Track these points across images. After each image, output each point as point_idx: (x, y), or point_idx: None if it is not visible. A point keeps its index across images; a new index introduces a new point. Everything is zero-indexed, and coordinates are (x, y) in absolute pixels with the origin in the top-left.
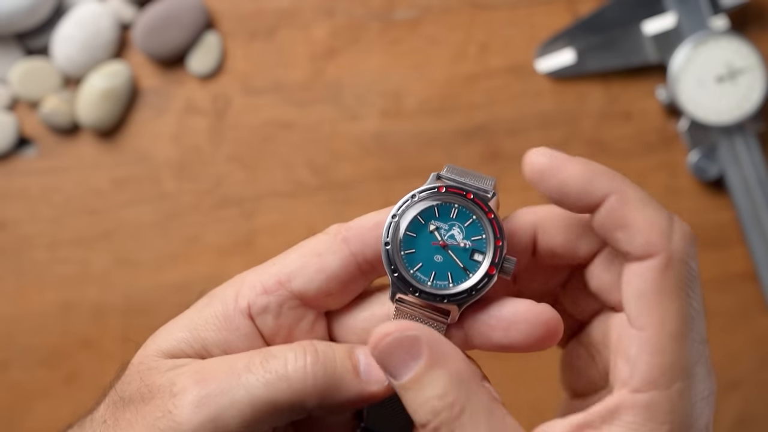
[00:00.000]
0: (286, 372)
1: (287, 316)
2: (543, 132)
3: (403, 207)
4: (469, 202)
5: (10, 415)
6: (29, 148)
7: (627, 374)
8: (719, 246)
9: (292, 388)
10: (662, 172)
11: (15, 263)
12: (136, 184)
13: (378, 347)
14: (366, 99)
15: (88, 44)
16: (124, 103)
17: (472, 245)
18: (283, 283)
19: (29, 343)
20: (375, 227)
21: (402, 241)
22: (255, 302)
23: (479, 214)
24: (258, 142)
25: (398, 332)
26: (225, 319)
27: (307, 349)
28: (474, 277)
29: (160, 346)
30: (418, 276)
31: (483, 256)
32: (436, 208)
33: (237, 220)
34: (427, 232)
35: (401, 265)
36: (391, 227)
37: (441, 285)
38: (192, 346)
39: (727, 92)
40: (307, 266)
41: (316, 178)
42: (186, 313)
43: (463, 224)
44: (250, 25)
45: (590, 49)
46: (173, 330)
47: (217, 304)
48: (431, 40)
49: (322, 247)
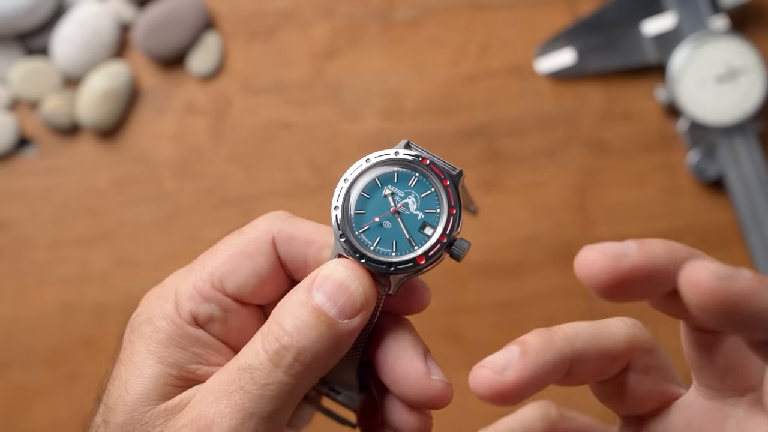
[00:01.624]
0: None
1: (233, 320)
2: (543, 132)
3: (356, 171)
4: (429, 171)
5: (10, 415)
6: (29, 148)
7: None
8: (719, 246)
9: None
10: (662, 172)
11: (15, 263)
12: (136, 184)
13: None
14: (366, 99)
15: (88, 44)
16: (125, 103)
17: (423, 217)
18: (217, 287)
19: (29, 343)
20: (306, 244)
21: (355, 201)
22: (198, 312)
23: (438, 186)
24: (258, 142)
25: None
26: (182, 336)
27: (282, 352)
28: (419, 249)
29: (141, 394)
30: (362, 238)
31: (433, 231)
32: (396, 173)
33: (237, 220)
34: (381, 196)
35: (350, 230)
36: (341, 191)
37: (384, 252)
38: (171, 375)
39: (727, 92)
40: (239, 269)
41: (316, 178)
42: (137, 348)
43: (419, 194)
44: (250, 25)
45: (590, 49)
46: (142, 369)
47: (164, 326)
48: (431, 41)
49: (253, 248)
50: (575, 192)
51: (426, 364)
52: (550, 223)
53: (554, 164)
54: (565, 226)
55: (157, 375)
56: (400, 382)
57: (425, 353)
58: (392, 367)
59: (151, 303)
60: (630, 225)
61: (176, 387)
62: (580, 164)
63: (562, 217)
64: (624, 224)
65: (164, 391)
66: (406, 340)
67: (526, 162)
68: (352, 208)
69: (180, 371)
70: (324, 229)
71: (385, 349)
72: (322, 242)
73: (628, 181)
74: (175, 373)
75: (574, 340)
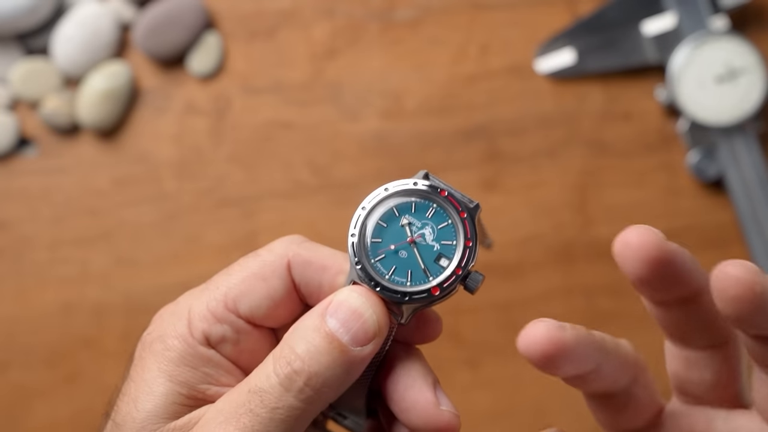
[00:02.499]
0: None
1: (245, 342)
2: (543, 132)
3: (374, 200)
4: (447, 203)
5: (10, 415)
6: (29, 148)
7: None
8: (719, 246)
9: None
10: (662, 172)
11: (15, 263)
12: (136, 184)
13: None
14: (366, 99)
15: (88, 44)
16: (125, 103)
17: (440, 248)
18: (231, 308)
19: (29, 343)
20: (321, 270)
21: (372, 229)
22: (211, 332)
23: (455, 218)
24: (258, 142)
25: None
26: (193, 356)
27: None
28: (434, 280)
29: (151, 412)
30: (377, 267)
31: (449, 262)
32: (414, 203)
33: (237, 220)
34: (398, 226)
35: (365, 257)
36: (359, 219)
37: (399, 281)
38: (181, 394)
39: (727, 92)
40: (253, 291)
41: (316, 178)
42: (148, 366)
43: (436, 226)
44: (250, 25)
45: (590, 50)
46: (153, 386)
47: (176, 345)
48: (431, 41)
49: (268, 270)
50: (575, 192)
51: (435, 395)
52: (550, 223)
53: (554, 164)
54: (565, 226)
55: (167, 393)
56: (409, 411)
57: (435, 383)
58: (402, 396)
59: (164, 321)
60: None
61: (186, 406)
62: (580, 164)
63: (562, 217)
64: (624, 224)
65: (174, 409)
66: (416, 369)
67: (526, 162)
68: (368, 236)
69: (190, 390)
70: (339, 255)
71: (395, 377)
72: (338, 268)
73: (628, 181)
74: (185, 392)
75: (604, 339)
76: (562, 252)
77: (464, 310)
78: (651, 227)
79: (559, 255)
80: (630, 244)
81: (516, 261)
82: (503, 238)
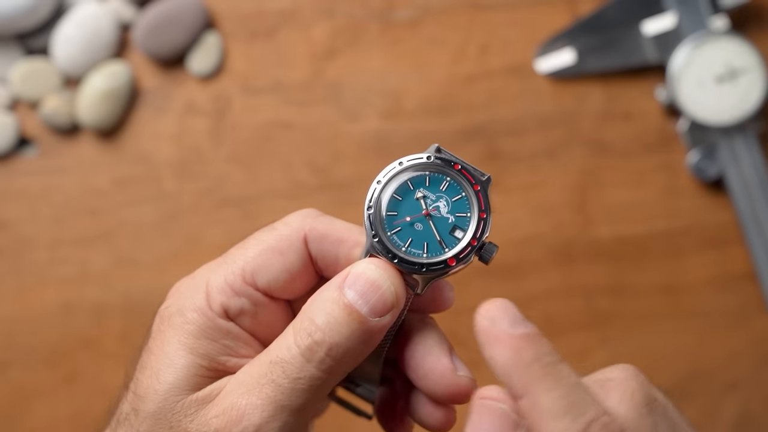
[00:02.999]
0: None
1: (263, 314)
2: (543, 132)
3: (389, 174)
4: (460, 176)
5: (10, 415)
6: (29, 148)
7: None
8: (719, 246)
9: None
10: (662, 172)
11: (15, 263)
12: (136, 184)
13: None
14: (366, 99)
15: (88, 44)
16: (125, 103)
17: (454, 220)
18: (248, 282)
19: (29, 343)
20: (337, 243)
21: (388, 202)
22: (230, 305)
23: (468, 191)
24: (258, 142)
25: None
26: (212, 329)
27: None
28: (450, 252)
29: (173, 384)
30: (394, 239)
31: (463, 234)
32: (427, 177)
33: (237, 220)
34: (413, 199)
35: (382, 230)
36: (375, 192)
37: (415, 253)
38: (202, 366)
39: (727, 92)
40: (271, 265)
41: (316, 178)
42: (168, 339)
43: (450, 198)
44: (250, 25)
45: (590, 49)
46: (174, 359)
47: (195, 318)
48: (431, 41)
49: (284, 245)
50: (575, 192)
51: (452, 361)
52: (550, 223)
53: (554, 164)
54: (565, 226)
55: (188, 365)
56: (428, 377)
57: (450, 350)
58: (419, 363)
59: (182, 294)
60: (630, 225)
61: (207, 378)
62: (580, 164)
63: (562, 217)
64: (624, 224)
65: (195, 381)
66: (432, 337)
67: (526, 162)
68: (384, 209)
69: (210, 362)
70: (354, 228)
71: (412, 346)
72: (354, 241)
73: (627, 181)
74: (206, 364)
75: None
76: (562, 252)
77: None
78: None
79: (558, 255)
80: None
81: (516, 261)
82: (503, 238)
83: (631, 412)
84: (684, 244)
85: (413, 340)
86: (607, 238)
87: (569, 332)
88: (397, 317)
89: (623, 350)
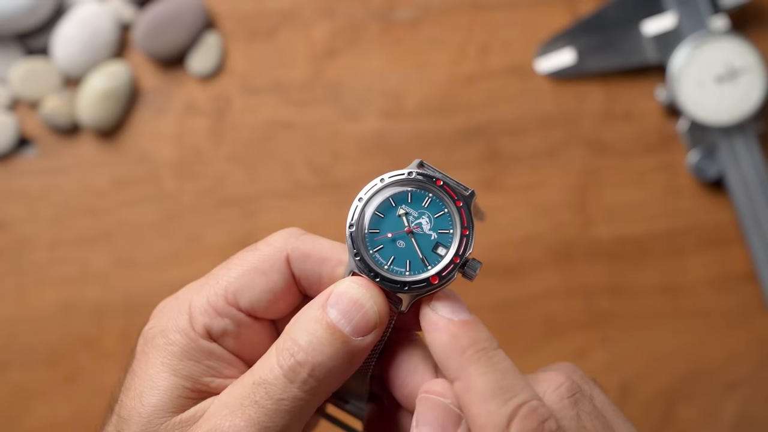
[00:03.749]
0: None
1: (246, 334)
2: (543, 132)
3: (371, 191)
4: (442, 192)
5: (10, 415)
6: (29, 148)
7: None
8: (719, 246)
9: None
10: (662, 172)
11: (15, 263)
12: (136, 184)
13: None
14: (366, 99)
15: (88, 44)
16: (124, 103)
17: (437, 237)
18: (231, 302)
19: (29, 343)
20: (320, 262)
21: (370, 220)
22: (212, 326)
23: (451, 207)
24: (258, 142)
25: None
26: (195, 350)
27: (297, 367)
28: (432, 269)
29: (156, 406)
30: (376, 257)
31: (446, 251)
32: (409, 193)
33: (237, 220)
34: (395, 216)
35: (364, 248)
36: (356, 210)
37: (397, 271)
38: (186, 387)
39: (727, 92)
40: (253, 285)
41: (316, 178)
42: (151, 361)
43: (433, 215)
44: (250, 25)
45: (590, 49)
46: (157, 381)
47: (178, 339)
48: (431, 41)
49: (267, 264)
50: (575, 192)
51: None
52: (550, 223)
53: (554, 164)
54: (565, 226)
55: (171, 387)
56: (412, 396)
57: (435, 368)
58: (403, 381)
59: (165, 315)
60: (630, 225)
61: (190, 399)
62: (580, 164)
63: (562, 217)
64: (624, 224)
65: (179, 403)
66: (416, 355)
67: (526, 162)
68: (366, 226)
69: (194, 384)
70: (338, 246)
71: (396, 364)
72: (337, 260)
73: (627, 181)
74: (189, 386)
75: None
76: (562, 252)
77: None
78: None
79: (558, 255)
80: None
81: (516, 261)
82: (503, 238)
83: (555, 403)
84: (684, 244)
85: (398, 358)
86: (607, 238)
87: (569, 332)
88: (380, 336)
89: (623, 350)
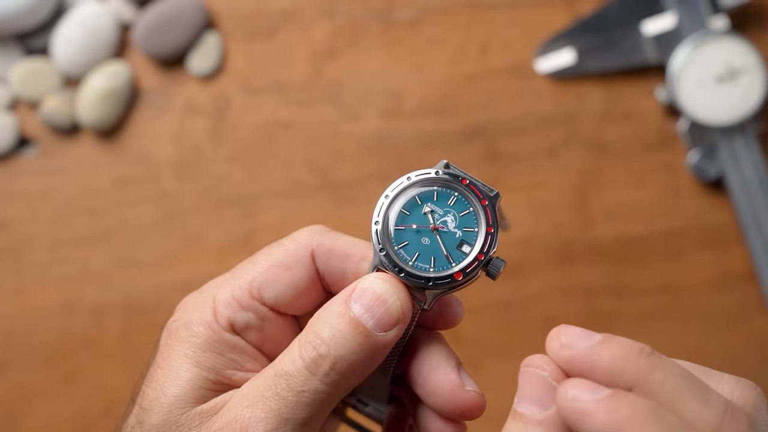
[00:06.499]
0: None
1: (269, 329)
2: (543, 132)
3: (397, 188)
4: (468, 191)
5: (10, 415)
6: (29, 148)
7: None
8: (719, 246)
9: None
10: (662, 172)
11: (15, 263)
12: (136, 184)
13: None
14: (366, 99)
15: (88, 44)
16: (125, 103)
17: (462, 235)
18: (255, 296)
19: (29, 343)
20: (345, 258)
21: (396, 217)
22: (236, 319)
23: (476, 206)
24: (258, 142)
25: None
26: (219, 342)
27: (320, 359)
28: (456, 266)
29: (178, 396)
30: (401, 254)
31: (471, 248)
32: (436, 192)
33: (237, 220)
34: (420, 213)
35: (389, 244)
36: (382, 207)
37: (422, 267)
38: (208, 379)
39: (727, 92)
40: (278, 280)
41: (316, 178)
42: (174, 352)
43: (458, 213)
44: (250, 25)
45: (590, 49)
46: (179, 372)
47: (202, 331)
48: (431, 41)
49: (292, 260)
50: (575, 192)
51: (460, 376)
52: (550, 223)
53: (554, 164)
54: (565, 226)
55: (193, 378)
56: (435, 393)
57: (458, 365)
58: (426, 379)
59: (189, 309)
60: (630, 225)
61: (212, 391)
62: (580, 164)
63: (562, 217)
64: (624, 224)
65: (200, 394)
66: (439, 353)
67: (526, 162)
68: (391, 223)
69: (216, 376)
70: (361, 243)
71: (419, 361)
72: (361, 256)
73: (628, 181)
74: (212, 378)
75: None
76: (562, 252)
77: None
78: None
79: (559, 255)
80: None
81: (516, 261)
82: (503, 237)
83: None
84: (684, 244)
85: (420, 355)
86: (607, 238)
87: None
88: (403, 332)
89: None
